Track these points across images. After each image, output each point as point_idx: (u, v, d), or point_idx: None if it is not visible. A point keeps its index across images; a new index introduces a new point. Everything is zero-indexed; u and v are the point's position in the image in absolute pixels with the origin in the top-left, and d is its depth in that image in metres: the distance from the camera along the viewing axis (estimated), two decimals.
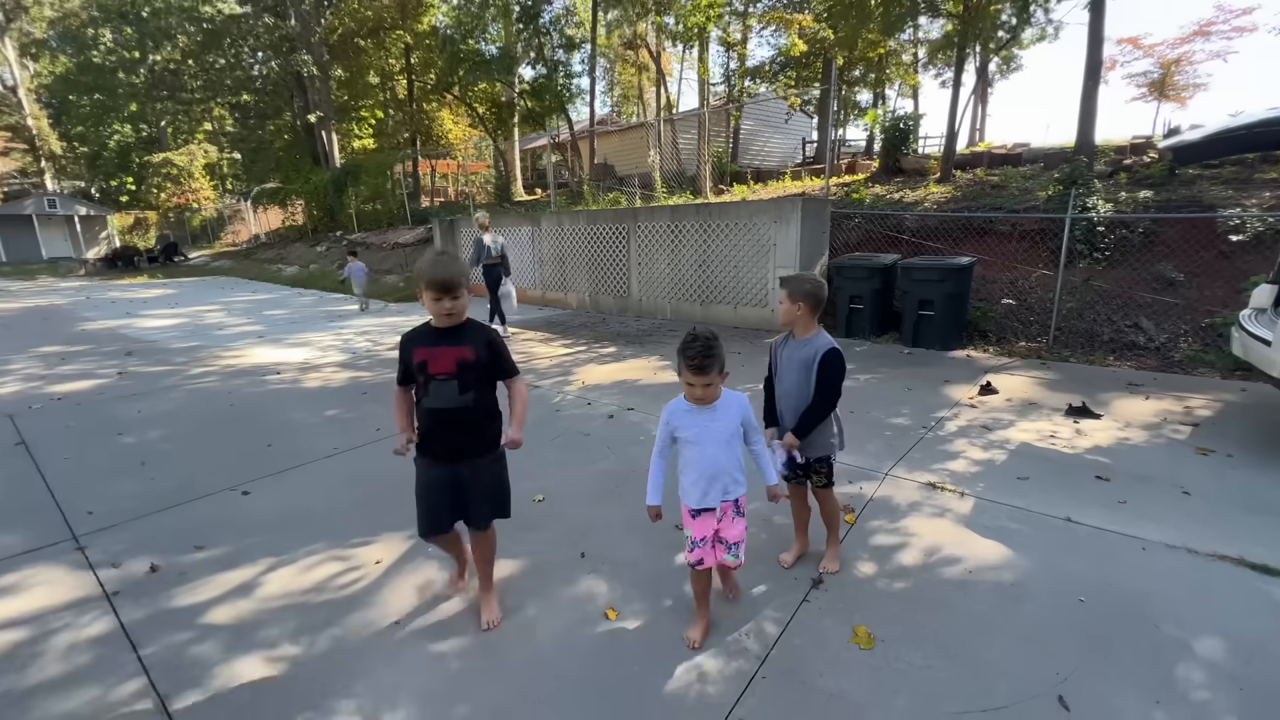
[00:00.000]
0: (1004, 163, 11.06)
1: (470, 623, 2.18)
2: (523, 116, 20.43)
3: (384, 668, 1.96)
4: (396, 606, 2.27)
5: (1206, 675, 1.84)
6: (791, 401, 2.28)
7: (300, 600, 2.33)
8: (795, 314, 2.22)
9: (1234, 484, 3.09)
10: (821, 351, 2.18)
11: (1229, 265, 6.29)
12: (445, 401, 1.98)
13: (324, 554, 2.64)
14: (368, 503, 3.14)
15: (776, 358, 2.35)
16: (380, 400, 4.97)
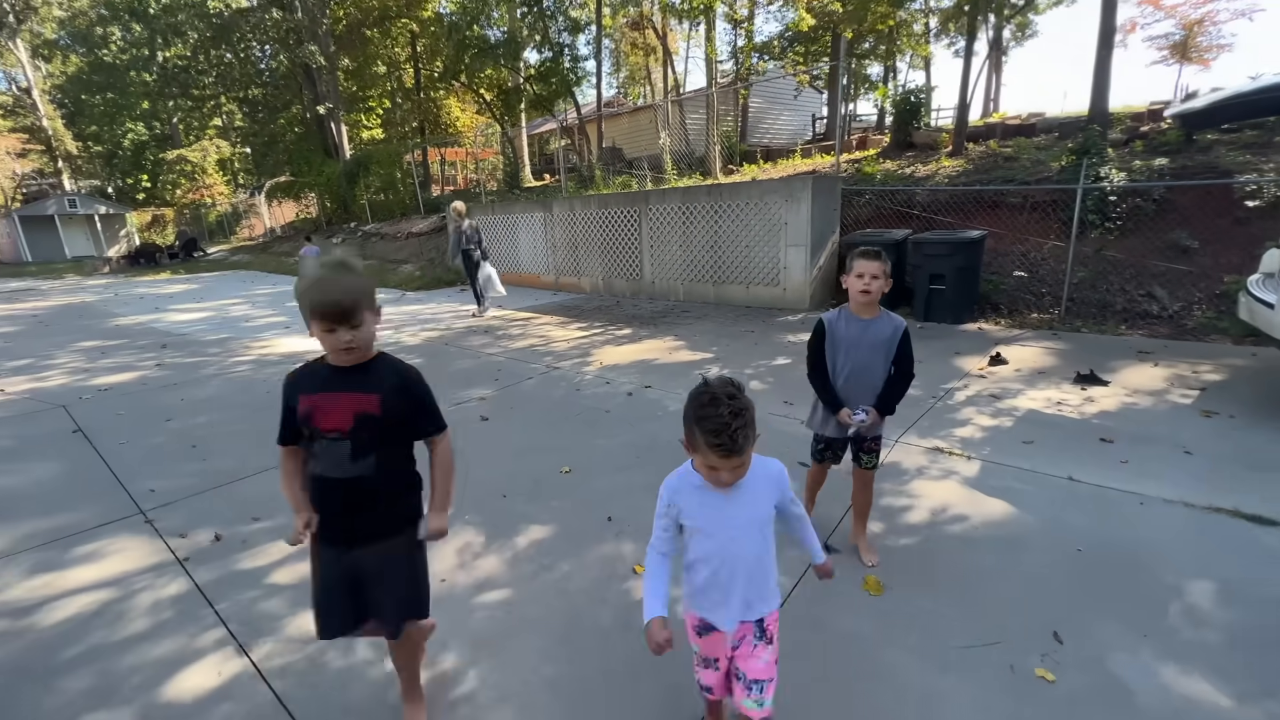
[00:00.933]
0: (1018, 134, 10.96)
1: (512, 579, 2.37)
2: (530, 102, 20.41)
3: (437, 618, 2.16)
4: (440, 566, 2.47)
5: (1193, 613, 1.99)
6: (868, 380, 2.18)
7: None
8: (886, 288, 2.11)
9: (1235, 443, 3.19)
10: (901, 329, 2.16)
11: (1245, 231, 6.26)
12: (335, 468, 1.47)
13: None
14: None
15: (838, 338, 2.19)
16: None
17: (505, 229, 11.74)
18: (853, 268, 2.10)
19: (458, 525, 2.79)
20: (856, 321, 2.17)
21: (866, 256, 2.09)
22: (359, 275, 1.45)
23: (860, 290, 2.10)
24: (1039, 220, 7.24)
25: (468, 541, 2.66)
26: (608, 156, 16.58)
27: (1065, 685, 1.74)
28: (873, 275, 2.06)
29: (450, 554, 2.57)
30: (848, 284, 2.14)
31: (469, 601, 2.25)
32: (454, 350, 6.44)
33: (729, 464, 1.24)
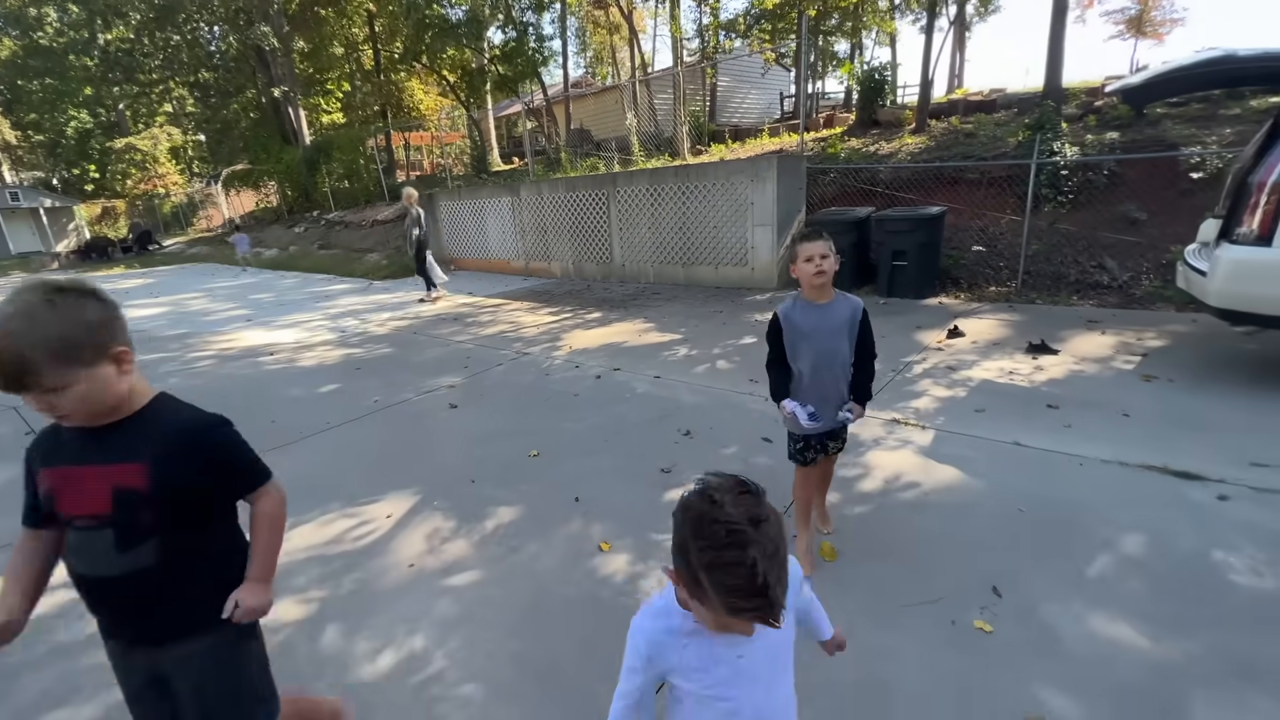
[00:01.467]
0: (979, 110, 11.12)
1: (480, 561, 2.42)
2: (495, 83, 19.98)
3: (404, 602, 2.20)
4: (409, 552, 2.51)
5: (1122, 564, 2.13)
6: (835, 366, 2.06)
7: (321, 552, 2.55)
8: (836, 265, 1.99)
9: (1171, 406, 3.37)
10: (860, 309, 2.06)
11: (1189, 203, 6.50)
12: (96, 565, 1.10)
13: (337, 513, 2.86)
14: (372, 467, 3.35)
15: (797, 328, 2.05)
16: (375, 373, 5.14)
17: (473, 215, 11.57)
18: (798, 253, 1.98)
19: (426, 512, 2.82)
20: (813, 308, 2.04)
21: (808, 239, 1.97)
22: (68, 312, 1.00)
23: (814, 273, 1.95)
24: (997, 195, 7.41)
25: (436, 527, 2.69)
26: (575, 138, 16.37)
27: (1001, 636, 1.85)
28: (821, 255, 1.94)
29: (419, 540, 2.59)
30: (797, 272, 2.01)
31: (437, 584, 2.29)
32: (423, 339, 6.38)
33: (761, 619, 0.82)
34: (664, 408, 3.87)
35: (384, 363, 5.52)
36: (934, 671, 1.74)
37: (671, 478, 2.97)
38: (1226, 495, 2.47)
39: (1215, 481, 2.57)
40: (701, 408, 3.83)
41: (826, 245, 1.98)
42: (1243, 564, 2.08)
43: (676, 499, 2.72)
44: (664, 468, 3.07)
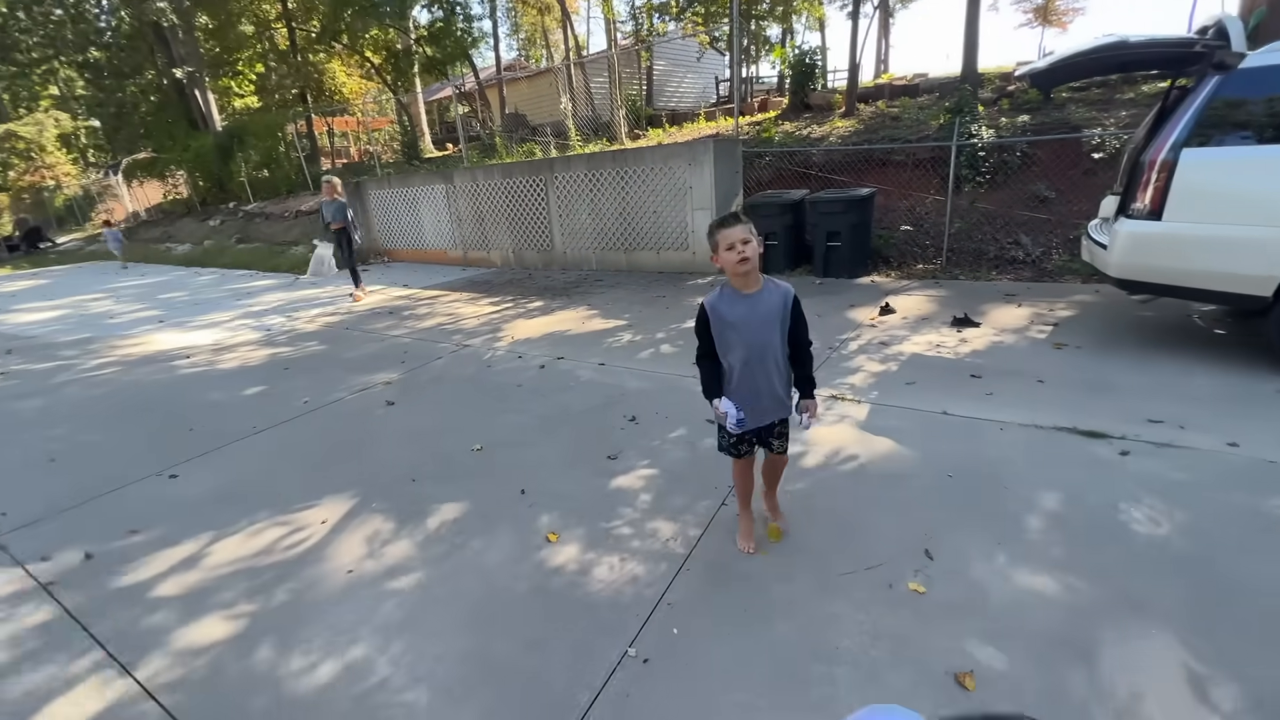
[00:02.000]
0: (903, 94, 11.53)
1: (423, 561, 2.34)
2: (423, 66, 19.13)
3: (343, 609, 2.11)
4: (347, 557, 2.40)
5: (1038, 519, 2.28)
6: (769, 359, 1.96)
7: (250, 564, 2.41)
8: (761, 249, 1.89)
9: (1079, 371, 3.63)
10: (790, 296, 1.94)
11: (1092, 181, 6.98)
12: None
13: (267, 522, 2.70)
14: (305, 471, 3.18)
15: (725, 320, 1.94)
16: (305, 372, 4.88)
17: (406, 204, 11.11)
18: (718, 241, 1.85)
19: (364, 515, 2.70)
20: (741, 298, 1.92)
21: (726, 224, 1.84)
22: None
23: (737, 261, 1.83)
24: (922, 176, 7.73)
25: (375, 529, 2.58)
26: (511, 123, 15.95)
27: (934, 595, 1.96)
28: (742, 240, 1.82)
29: (357, 544, 2.49)
30: (719, 261, 1.89)
31: (379, 589, 2.20)
32: (356, 334, 6.10)
33: None
34: (609, 395, 3.85)
35: (314, 361, 5.25)
36: (873, 635, 1.82)
37: (618, 464, 2.96)
38: (1128, 451, 2.69)
39: (1118, 439, 2.79)
40: (647, 393, 3.84)
41: (747, 229, 1.84)
42: (1142, 513, 2.27)
43: (623, 485, 2.74)
44: (610, 455, 3.06)
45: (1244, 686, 1.55)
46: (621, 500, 2.65)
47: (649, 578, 2.15)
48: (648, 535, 2.39)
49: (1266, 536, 2.09)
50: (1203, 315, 4.47)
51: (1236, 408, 3.01)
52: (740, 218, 1.86)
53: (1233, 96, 3.29)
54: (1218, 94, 3.30)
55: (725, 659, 1.77)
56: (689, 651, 1.81)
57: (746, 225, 1.85)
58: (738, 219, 1.85)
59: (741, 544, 2.25)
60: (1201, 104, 3.32)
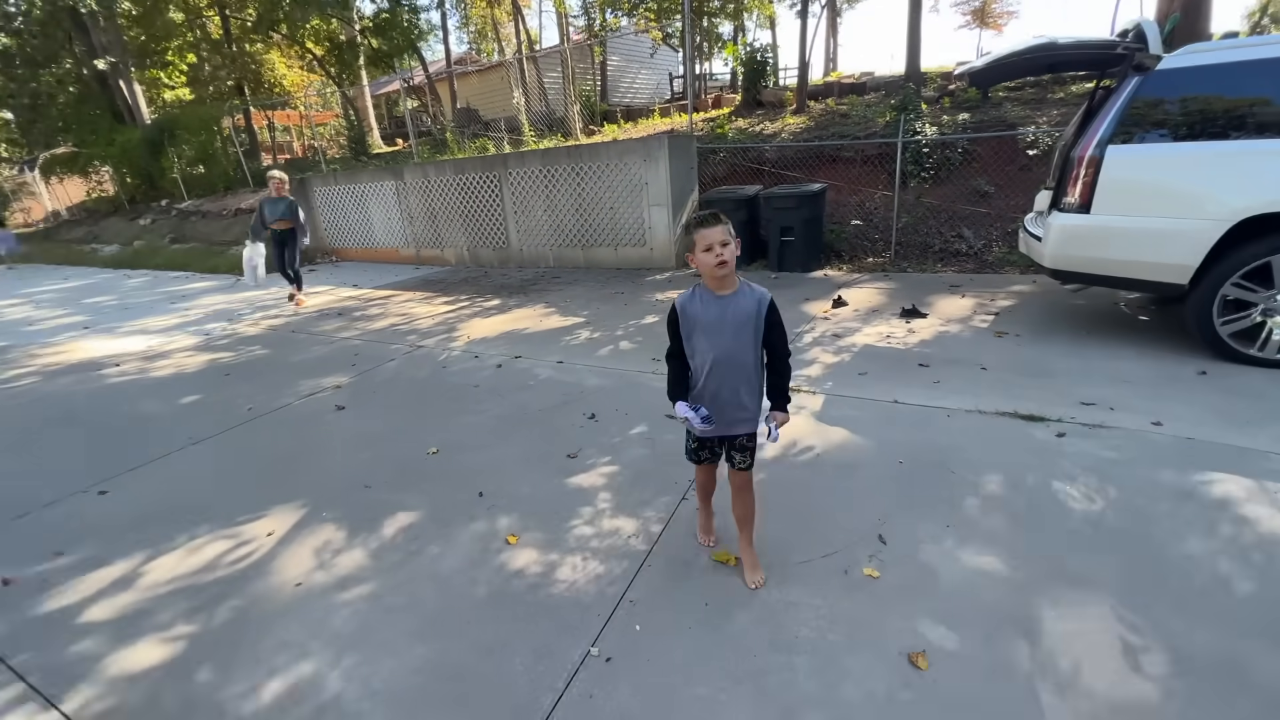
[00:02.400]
0: (852, 91, 11.83)
1: (377, 570, 2.27)
2: (369, 58, 18.51)
3: (292, 625, 2.02)
4: (296, 570, 2.30)
5: (983, 501, 2.38)
6: (738, 366, 1.86)
7: (190, 583, 2.28)
8: (738, 251, 1.82)
9: (1019, 357, 3.81)
10: (766, 302, 1.85)
11: (1029, 177, 7.32)
12: None
13: (208, 536, 2.57)
14: (249, 481, 3.04)
15: (695, 322, 1.86)
16: (248, 378, 4.66)
17: (354, 200, 10.74)
18: (695, 241, 1.78)
19: (314, 524, 2.60)
20: (714, 301, 1.83)
21: (705, 224, 1.76)
22: None
23: (715, 264, 1.75)
24: (870, 172, 7.96)
25: (326, 540, 2.49)
26: (462, 118, 15.59)
27: (887, 579, 2.01)
28: (721, 242, 1.75)
29: (306, 555, 2.39)
30: (696, 262, 1.81)
31: (329, 601, 2.12)
32: (303, 337, 5.86)
33: None
34: (568, 393, 3.82)
35: (258, 366, 5.01)
36: (830, 620, 1.86)
37: (578, 463, 2.94)
38: (1064, 432, 2.84)
39: (1055, 421, 2.94)
40: (606, 390, 3.82)
41: (726, 230, 1.77)
42: (1077, 491, 2.39)
43: (583, 484, 2.72)
44: (570, 453, 3.03)
45: (1172, 653, 1.65)
46: (582, 499, 2.63)
47: (611, 576, 2.14)
48: (609, 533, 2.38)
49: (1187, 509, 2.24)
50: (1128, 303, 4.76)
51: (1160, 389, 3.21)
52: (720, 218, 1.78)
53: (1151, 96, 3.49)
54: (1138, 94, 3.50)
55: (687, 653, 1.78)
56: (651, 648, 1.81)
57: (726, 226, 1.77)
58: (717, 219, 1.77)
59: (701, 537, 2.26)
60: (1123, 103, 3.52)
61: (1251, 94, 3.30)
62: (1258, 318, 3.40)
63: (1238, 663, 1.60)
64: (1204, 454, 2.57)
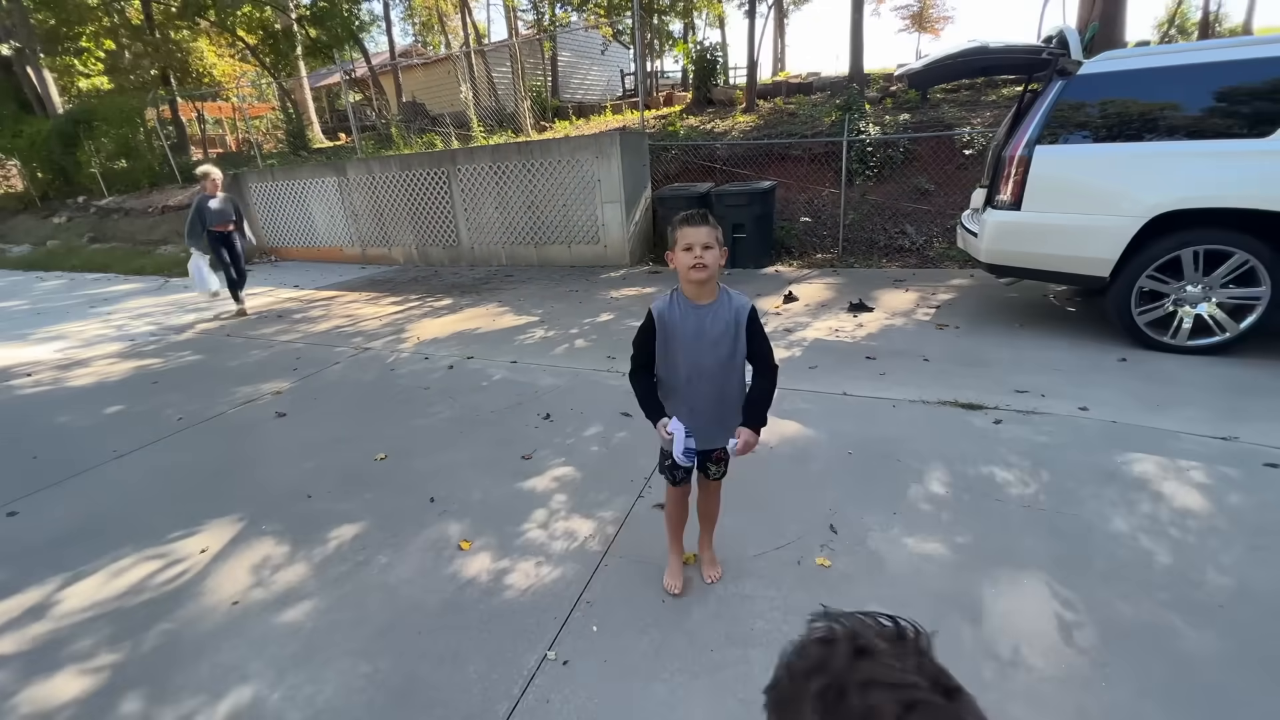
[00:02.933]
0: (799, 91, 12.09)
1: (321, 584, 2.17)
2: (307, 49, 17.70)
3: (227, 646, 1.91)
4: (232, 588, 2.18)
5: (927, 488, 2.47)
6: (716, 381, 1.73)
7: (114, 607, 2.13)
8: (723, 259, 1.65)
9: (958, 348, 3.97)
10: (746, 311, 1.70)
11: (966, 175, 7.64)
12: None
13: (134, 557, 2.40)
14: (182, 495, 2.86)
15: (672, 331, 1.70)
16: (178, 386, 4.39)
17: (293, 197, 10.27)
18: (676, 239, 1.61)
19: (252, 539, 2.47)
20: (692, 309, 1.68)
21: (691, 222, 1.60)
22: None
23: (691, 266, 1.59)
24: (817, 170, 8.15)
25: (266, 555, 2.36)
26: (408, 112, 15.12)
27: (839, 567, 2.06)
28: (704, 245, 1.58)
29: (243, 572, 2.26)
30: (674, 261, 1.65)
31: (270, 619, 2.02)
32: (239, 341, 5.57)
33: None
34: (522, 393, 3.76)
35: (189, 373, 4.73)
36: (785, 611, 1.89)
37: (532, 464, 2.89)
38: (1000, 419, 2.97)
39: (992, 409, 3.08)
40: (561, 389, 3.78)
41: (711, 233, 1.60)
42: (1013, 475, 2.51)
43: (538, 485, 2.67)
44: (525, 455, 2.99)
45: (1100, 625, 1.75)
46: (537, 501, 2.59)
47: (567, 578, 2.11)
48: (564, 535, 2.35)
49: (1111, 489, 2.38)
50: (1057, 295, 5.04)
51: (1085, 376, 3.41)
52: (708, 218, 1.62)
53: (1073, 99, 3.70)
54: (1061, 97, 3.70)
55: (645, 651, 1.78)
56: (608, 648, 1.80)
57: (714, 230, 1.61)
58: (705, 219, 1.61)
59: (668, 582, 2.01)
60: (1049, 106, 3.71)
61: (1162, 98, 3.53)
62: (1170, 307, 3.65)
63: (1158, 630, 1.71)
64: (1125, 436, 2.74)
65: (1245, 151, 3.30)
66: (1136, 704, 1.51)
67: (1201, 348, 3.59)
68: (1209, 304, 3.55)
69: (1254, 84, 3.32)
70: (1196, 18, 19.79)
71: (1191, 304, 3.58)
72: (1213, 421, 2.80)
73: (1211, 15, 17.41)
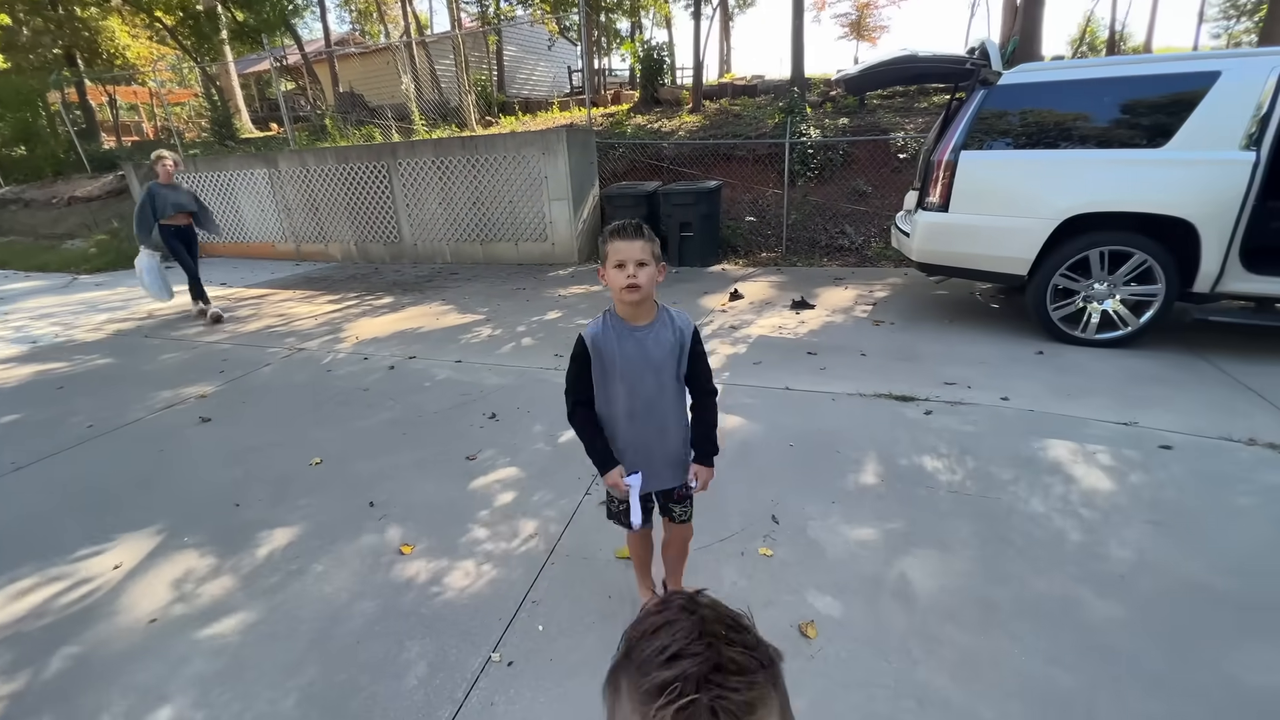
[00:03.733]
0: (744, 93, 12.32)
1: (250, 596, 2.06)
2: (234, 33, 16.70)
3: (145, 667, 1.79)
4: (149, 604, 2.04)
5: (863, 477, 2.57)
6: (660, 411, 1.53)
7: (11, 632, 1.95)
8: (661, 276, 1.45)
9: (893, 343, 4.16)
10: (689, 332, 1.52)
11: (900, 178, 7.99)
12: None
13: (35, 577, 2.21)
14: (92, 508, 2.66)
15: (608, 359, 1.49)
16: (87, 391, 4.07)
17: (219, 189, 9.68)
18: (607, 253, 1.40)
19: (172, 552, 2.32)
20: (629, 333, 1.48)
21: (624, 235, 1.40)
22: None
23: (624, 286, 1.39)
24: (761, 171, 8.34)
25: (188, 568, 2.23)
26: (346, 103, 14.52)
27: (780, 556, 2.12)
28: (638, 261, 1.38)
29: (162, 587, 2.12)
30: (605, 278, 1.43)
31: (192, 636, 1.90)
32: (158, 342, 5.21)
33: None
34: (467, 392, 3.68)
35: (100, 377, 4.39)
36: (728, 600, 1.92)
37: (477, 465, 2.84)
38: (930, 410, 3.13)
39: (923, 400, 3.24)
40: (507, 389, 3.72)
41: (646, 248, 1.40)
42: (942, 464, 2.65)
43: (483, 486, 2.62)
44: (469, 455, 2.93)
45: (1018, 601, 1.87)
46: (482, 502, 2.54)
47: (511, 578, 2.09)
48: (510, 535, 2.32)
49: (1029, 472, 2.55)
50: (982, 292, 5.34)
51: (1007, 368, 3.63)
52: (642, 230, 1.41)
53: (995, 108, 3.93)
54: (984, 105, 3.92)
55: (592, 649, 1.78)
56: (554, 648, 1.79)
57: (649, 243, 1.41)
58: (639, 231, 1.40)
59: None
60: (972, 113, 3.93)
61: (1074, 109, 3.80)
62: (1080, 304, 3.94)
63: (1067, 601, 1.85)
64: (1041, 423, 2.94)
65: (1142, 160, 3.59)
66: (1046, 670, 1.62)
67: (1107, 341, 3.89)
68: (1113, 300, 3.84)
69: (1151, 98, 3.62)
70: (1105, 36, 21.40)
71: (1099, 300, 3.88)
72: (1116, 408, 3.04)
73: (1117, 34, 18.86)
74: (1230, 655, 1.64)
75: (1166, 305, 3.72)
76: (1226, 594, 1.86)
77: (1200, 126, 3.44)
